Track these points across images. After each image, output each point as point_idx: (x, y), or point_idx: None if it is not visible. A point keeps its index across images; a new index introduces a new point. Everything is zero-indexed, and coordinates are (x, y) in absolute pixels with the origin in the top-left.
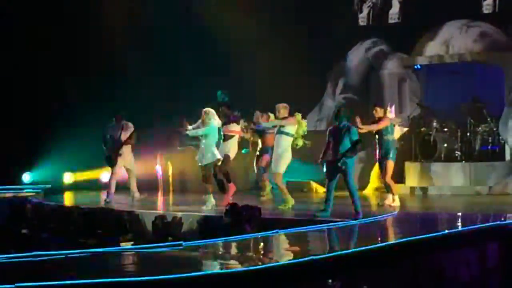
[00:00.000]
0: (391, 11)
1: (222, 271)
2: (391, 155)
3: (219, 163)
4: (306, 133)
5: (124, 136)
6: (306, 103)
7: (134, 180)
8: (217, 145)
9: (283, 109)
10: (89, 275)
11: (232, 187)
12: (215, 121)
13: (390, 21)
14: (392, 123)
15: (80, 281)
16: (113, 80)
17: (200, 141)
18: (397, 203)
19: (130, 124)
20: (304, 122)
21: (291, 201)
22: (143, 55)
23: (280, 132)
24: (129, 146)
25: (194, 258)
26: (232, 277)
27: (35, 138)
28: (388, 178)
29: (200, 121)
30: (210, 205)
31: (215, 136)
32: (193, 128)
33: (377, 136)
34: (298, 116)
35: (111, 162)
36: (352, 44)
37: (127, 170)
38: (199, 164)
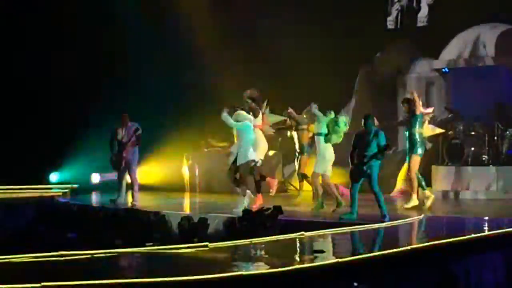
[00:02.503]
0: (419, 14)
1: (248, 272)
2: (417, 151)
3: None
4: (342, 128)
5: (129, 138)
6: (337, 105)
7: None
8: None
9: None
10: (115, 276)
11: (259, 198)
12: (248, 120)
13: (419, 24)
14: (423, 116)
15: (105, 281)
16: (141, 80)
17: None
18: (414, 202)
19: (136, 126)
20: (341, 118)
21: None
22: (169, 54)
23: (316, 134)
24: (134, 148)
25: (220, 259)
26: (258, 279)
27: (63, 138)
28: (413, 174)
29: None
30: (241, 208)
31: (250, 135)
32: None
33: (407, 133)
34: (331, 115)
35: (115, 164)
36: (380, 47)
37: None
38: (235, 164)
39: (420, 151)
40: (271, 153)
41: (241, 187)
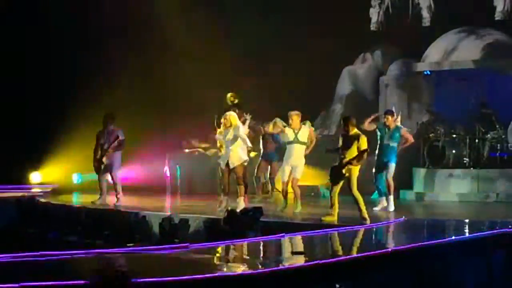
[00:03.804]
0: (423, 15)
1: (228, 273)
2: (394, 160)
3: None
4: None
5: (110, 143)
6: (317, 107)
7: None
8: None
9: (295, 116)
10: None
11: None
12: (239, 123)
13: (424, 24)
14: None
15: (85, 281)
16: (123, 81)
17: (226, 145)
18: (388, 204)
19: (118, 132)
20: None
21: (300, 207)
22: (152, 56)
23: (296, 141)
24: (115, 153)
25: (200, 260)
26: (238, 280)
27: (45, 138)
28: (390, 178)
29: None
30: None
31: (244, 137)
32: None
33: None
34: (308, 123)
35: (96, 169)
36: (363, 49)
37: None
38: (227, 167)
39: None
40: (252, 154)
41: (239, 187)
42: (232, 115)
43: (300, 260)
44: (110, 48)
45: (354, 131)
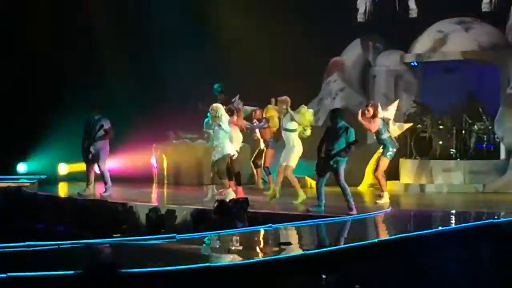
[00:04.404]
0: (410, 6)
1: (215, 264)
2: (385, 153)
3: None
4: (312, 123)
5: (95, 132)
6: (305, 99)
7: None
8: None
9: (280, 103)
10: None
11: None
12: (225, 115)
13: (411, 16)
14: (384, 121)
15: (72, 271)
16: (108, 71)
17: (214, 137)
18: (386, 199)
19: (103, 122)
20: (308, 113)
21: (303, 196)
22: (137, 43)
23: (284, 129)
24: (102, 141)
25: (187, 250)
26: (225, 271)
27: (31, 128)
28: (379, 174)
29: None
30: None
31: (227, 131)
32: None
33: (375, 136)
34: (303, 108)
35: (83, 157)
36: (349, 40)
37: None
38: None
39: (388, 154)
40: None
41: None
42: (219, 107)
43: (287, 251)
44: (96, 38)
45: (342, 123)
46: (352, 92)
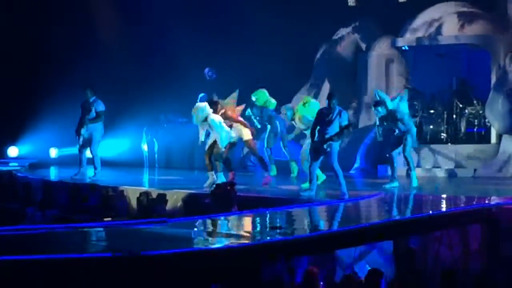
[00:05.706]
0: None
1: (205, 247)
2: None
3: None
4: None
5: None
6: (295, 84)
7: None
8: None
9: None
10: (73, 250)
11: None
12: (209, 112)
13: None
14: None
15: (63, 255)
16: (100, 55)
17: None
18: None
19: (98, 102)
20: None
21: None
22: (132, 32)
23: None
24: (94, 124)
25: (179, 234)
26: (215, 254)
27: (22, 112)
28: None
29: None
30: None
31: (218, 123)
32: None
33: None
34: (306, 98)
35: (76, 140)
36: (340, 25)
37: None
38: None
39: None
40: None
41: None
42: (198, 108)
43: (277, 235)
44: (89, 21)
45: (336, 106)
46: (343, 77)
